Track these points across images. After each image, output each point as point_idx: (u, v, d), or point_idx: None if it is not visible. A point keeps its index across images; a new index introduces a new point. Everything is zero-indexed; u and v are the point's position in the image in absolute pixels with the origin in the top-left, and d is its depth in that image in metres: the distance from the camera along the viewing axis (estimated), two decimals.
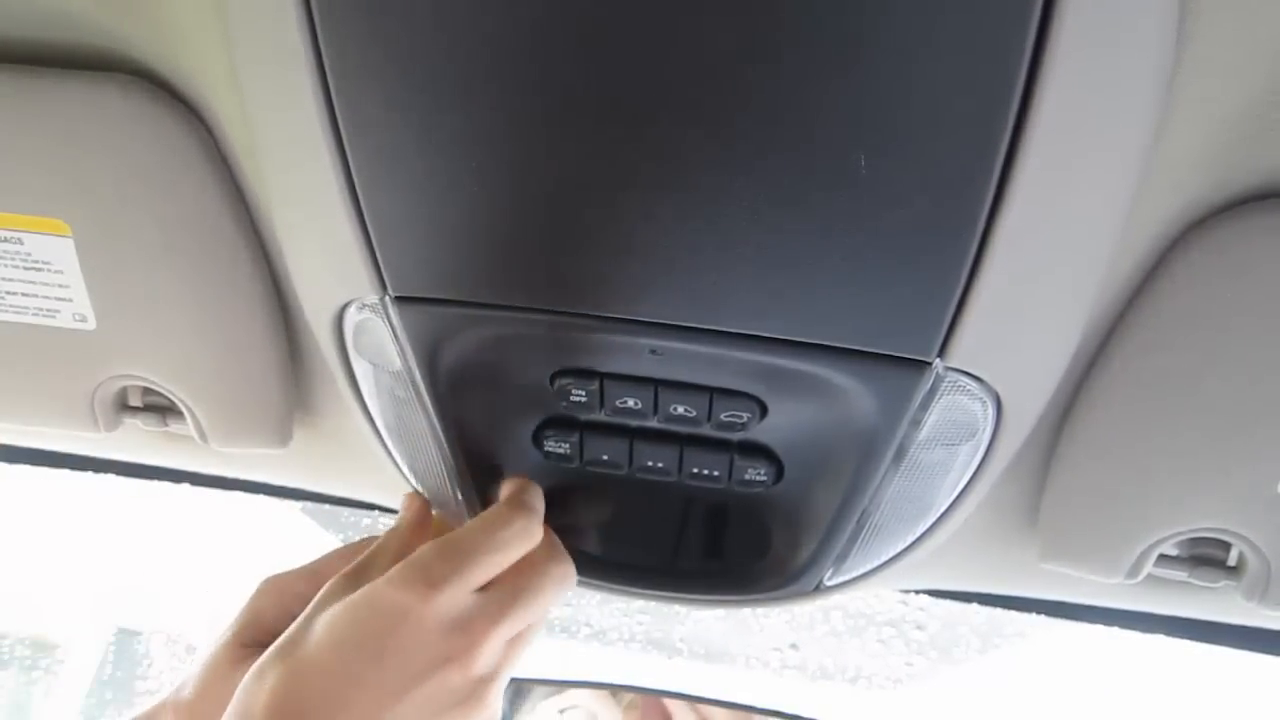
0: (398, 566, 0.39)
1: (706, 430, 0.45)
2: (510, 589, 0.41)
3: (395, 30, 0.31)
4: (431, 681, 0.38)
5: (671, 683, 1.26)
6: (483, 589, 0.40)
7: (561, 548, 0.45)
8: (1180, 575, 0.49)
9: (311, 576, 0.48)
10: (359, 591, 0.39)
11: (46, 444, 0.68)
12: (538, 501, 0.44)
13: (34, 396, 0.55)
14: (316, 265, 0.44)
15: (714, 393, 0.42)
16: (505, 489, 0.45)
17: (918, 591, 0.67)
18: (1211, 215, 0.38)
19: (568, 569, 0.44)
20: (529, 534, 0.42)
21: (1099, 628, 0.67)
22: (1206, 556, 0.49)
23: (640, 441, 0.46)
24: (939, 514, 0.50)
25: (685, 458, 0.46)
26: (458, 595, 0.39)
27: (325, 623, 0.38)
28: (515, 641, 0.42)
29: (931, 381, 0.38)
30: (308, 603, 0.47)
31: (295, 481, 0.69)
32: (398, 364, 0.44)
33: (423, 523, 0.47)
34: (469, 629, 0.39)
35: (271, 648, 0.38)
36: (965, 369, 0.38)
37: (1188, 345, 0.41)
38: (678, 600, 0.56)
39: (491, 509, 0.43)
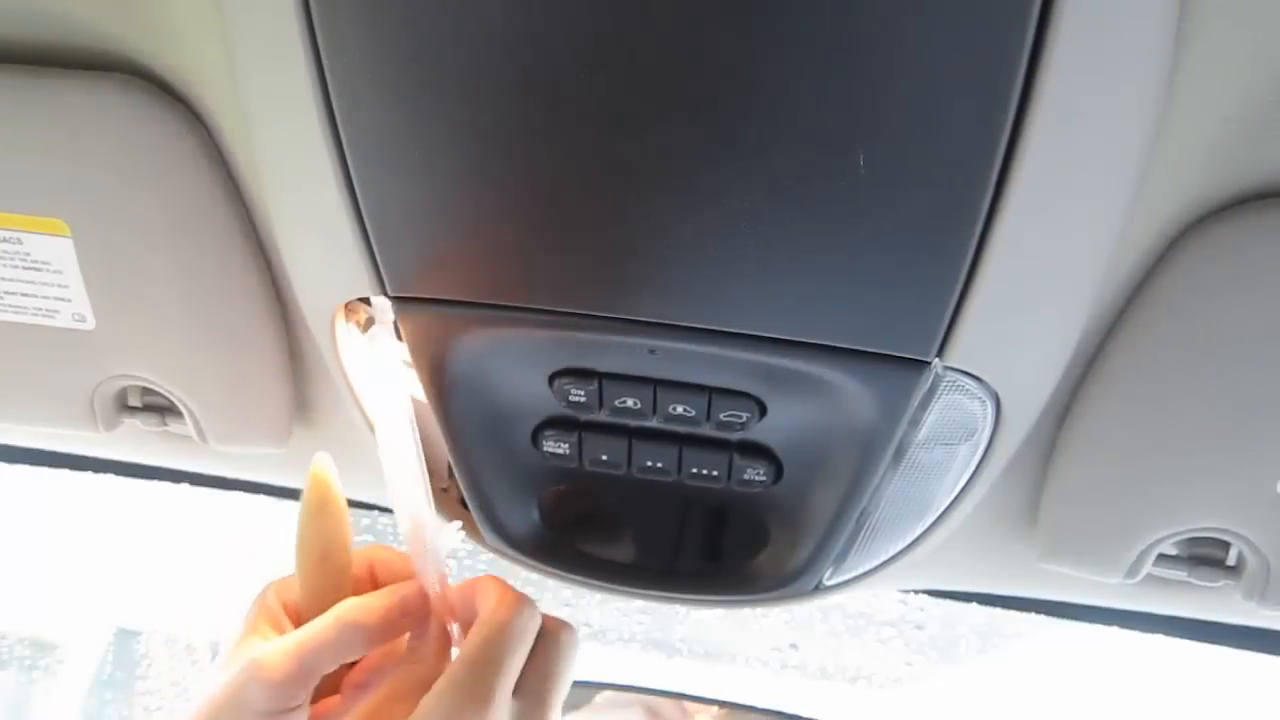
0: (442, 690, 0.39)
1: (706, 430, 0.45)
2: (540, 683, 0.42)
3: (394, 29, 0.31)
4: None
5: (671, 683, 1.26)
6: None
7: (557, 618, 0.44)
8: (1180, 575, 0.49)
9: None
10: None
11: (46, 444, 0.68)
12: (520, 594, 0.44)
13: (34, 396, 0.55)
14: (315, 265, 0.44)
15: (713, 392, 0.42)
16: (489, 597, 0.43)
17: (917, 591, 0.67)
18: (1212, 215, 0.38)
19: (572, 634, 0.44)
20: (536, 619, 0.42)
21: (1099, 628, 0.67)
22: (1206, 556, 0.49)
23: (639, 441, 0.46)
24: (938, 514, 0.50)
25: (684, 457, 0.46)
26: (504, 706, 0.40)
27: None
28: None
29: (930, 381, 0.38)
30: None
31: (295, 481, 0.69)
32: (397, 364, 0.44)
33: (445, 639, 0.45)
34: None
35: None
36: (964, 368, 0.38)
37: (1188, 345, 0.41)
38: (677, 600, 0.56)
39: (494, 609, 0.42)
